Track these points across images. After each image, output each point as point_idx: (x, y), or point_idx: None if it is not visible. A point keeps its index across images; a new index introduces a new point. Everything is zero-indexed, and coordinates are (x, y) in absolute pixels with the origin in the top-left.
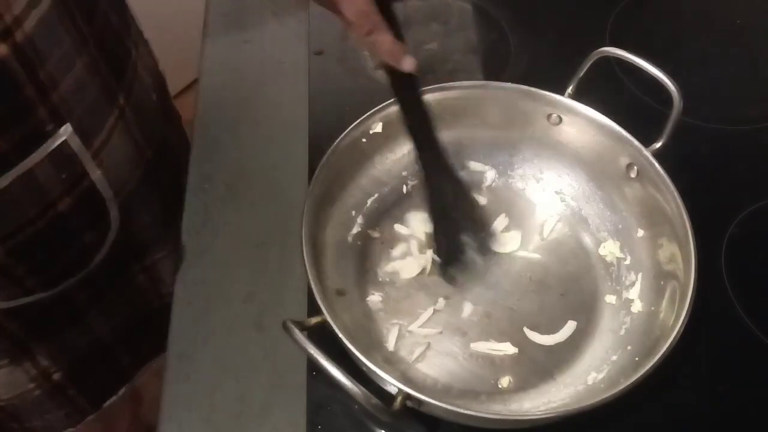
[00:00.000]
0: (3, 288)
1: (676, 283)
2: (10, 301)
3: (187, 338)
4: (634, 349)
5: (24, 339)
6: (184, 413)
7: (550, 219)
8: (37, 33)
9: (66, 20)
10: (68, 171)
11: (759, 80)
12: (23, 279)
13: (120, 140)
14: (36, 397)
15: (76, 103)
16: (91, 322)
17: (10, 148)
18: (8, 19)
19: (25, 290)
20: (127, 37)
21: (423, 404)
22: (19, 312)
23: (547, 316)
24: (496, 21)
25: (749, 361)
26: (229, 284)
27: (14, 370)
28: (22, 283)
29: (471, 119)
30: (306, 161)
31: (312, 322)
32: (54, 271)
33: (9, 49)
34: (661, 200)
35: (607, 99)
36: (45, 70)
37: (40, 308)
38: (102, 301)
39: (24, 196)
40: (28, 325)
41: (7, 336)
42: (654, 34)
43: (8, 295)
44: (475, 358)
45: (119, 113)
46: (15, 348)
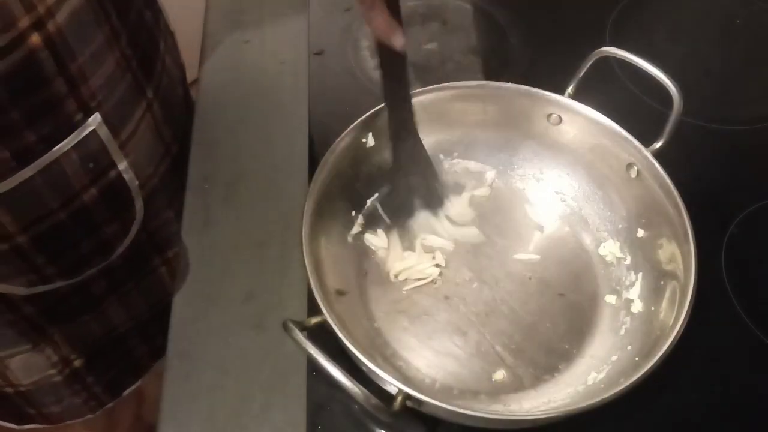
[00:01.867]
0: (23, 275)
1: (676, 283)
2: (30, 288)
3: (187, 338)
4: (634, 349)
5: (42, 325)
6: (184, 413)
7: (550, 219)
8: (70, 26)
9: (100, 16)
10: (95, 161)
11: (759, 80)
12: (43, 267)
13: (147, 133)
14: (55, 383)
15: (106, 97)
16: (108, 312)
17: (37, 140)
18: (41, 10)
19: (44, 278)
20: (157, 31)
21: (423, 404)
22: (37, 298)
23: (547, 316)
24: (496, 21)
25: (749, 361)
26: (229, 284)
27: (34, 354)
28: (41, 272)
29: (471, 119)
30: (306, 161)
31: (312, 322)
32: (75, 261)
33: (41, 40)
34: (661, 200)
35: (607, 99)
36: (76, 64)
37: (59, 296)
38: (121, 292)
39: (49, 187)
40: (46, 311)
41: (26, 320)
42: (654, 34)
43: (28, 282)
44: (475, 358)
45: (147, 106)
46: (34, 333)
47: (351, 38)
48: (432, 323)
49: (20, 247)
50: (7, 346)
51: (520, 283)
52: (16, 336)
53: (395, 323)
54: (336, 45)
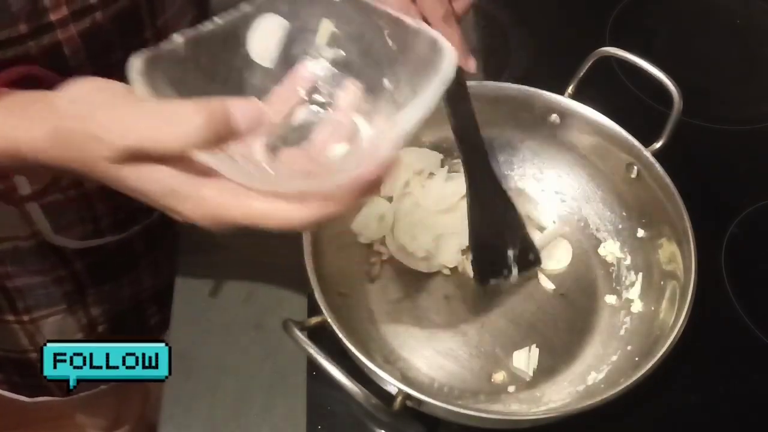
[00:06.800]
0: (81, 224)
1: (676, 283)
2: (83, 242)
3: (187, 338)
4: (634, 349)
5: (84, 283)
6: (184, 413)
7: (550, 219)
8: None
9: None
10: None
11: (759, 80)
12: (101, 218)
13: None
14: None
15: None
16: (140, 273)
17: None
18: None
19: (98, 231)
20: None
21: (423, 404)
22: (87, 254)
23: (547, 316)
24: (496, 21)
25: (749, 361)
26: (229, 284)
27: (68, 317)
28: (98, 222)
29: None
30: None
31: (312, 322)
32: (125, 214)
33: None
34: (661, 200)
35: (607, 99)
36: (164, 18)
37: (107, 252)
38: (152, 254)
39: None
40: (92, 267)
41: (74, 278)
42: (654, 34)
43: (83, 233)
44: (475, 358)
45: None
46: (74, 293)
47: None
48: (432, 323)
49: (88, 195)
50: (47, 305)
51: (520, 283)
52: (59, 295)
53: (395, 323)
54: None
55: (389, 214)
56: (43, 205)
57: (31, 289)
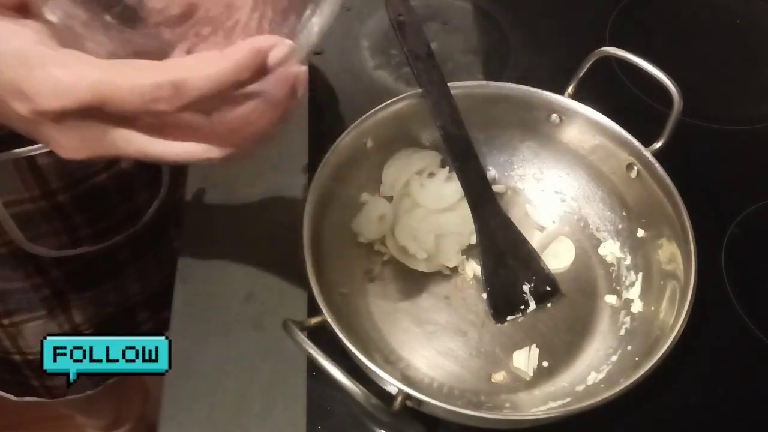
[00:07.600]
0: (57, 235)
1: (676, 283)
2: (59, 251)
3: (187, 338)
4: (634, 349)
5: (63, 289)
6: (184, 413)
7: (550, 219)
8: None
9: None
10: None
11: (759, 80)
12: (78, 228)
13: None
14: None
15: None
16: (127, 281)
17: None
18: None
19: (75, 241)
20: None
21: (423, 404)
22: (66, 262)
23: (548, 316)
24: (496, 21)
25: (749, 361)
26: (229, 284)
27: (48, 322)
28: (75, 233)
29: (471, 119)
30: (306, 161)
31: (312, 322)
32: (107, 225)
33: None
34: (661, 200)
35: (607, 99)
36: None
37: (86, 261)
38: (141, 262)
39: None
40: (73, 276)
41: (51, 285)
42: (654, 34)
43: (59, 243)
44: (475, 358)
45: None
46: (53, 299)
47: (351, 38)
48: (432, 323)
49: (61, 206)
50: (25, 310)
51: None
52: (37, 301)
53: (395, 323)
54: (336, 45)
55: (389, 214)
56: (14, 215)
57: (10, 294)
